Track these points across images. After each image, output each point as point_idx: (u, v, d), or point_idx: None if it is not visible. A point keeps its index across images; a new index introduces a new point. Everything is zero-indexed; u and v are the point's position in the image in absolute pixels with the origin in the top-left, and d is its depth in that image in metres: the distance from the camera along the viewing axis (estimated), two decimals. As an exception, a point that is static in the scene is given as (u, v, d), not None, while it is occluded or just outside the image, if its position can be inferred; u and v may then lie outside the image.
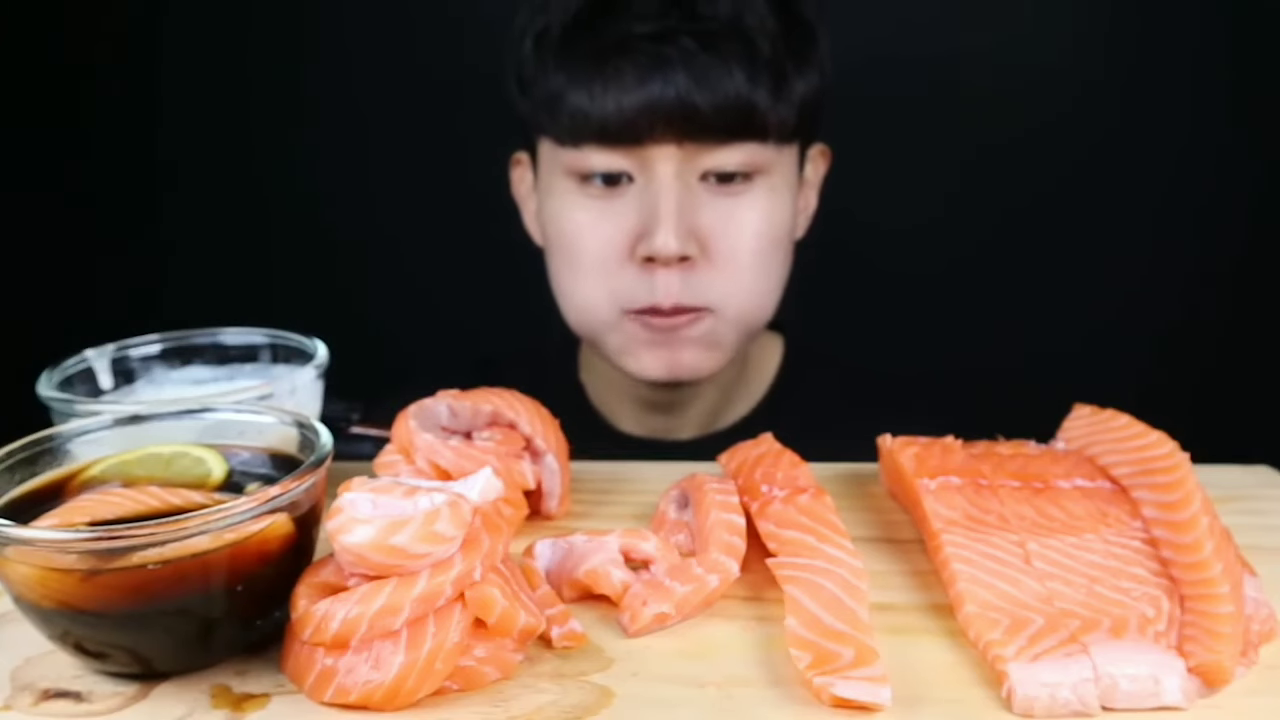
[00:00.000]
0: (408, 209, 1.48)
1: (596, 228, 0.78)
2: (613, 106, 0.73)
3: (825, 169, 0.89)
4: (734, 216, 0.77)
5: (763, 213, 0.78)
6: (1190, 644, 0.44)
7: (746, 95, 0.73)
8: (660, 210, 0.75)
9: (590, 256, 0.79)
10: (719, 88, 0.73)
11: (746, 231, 0.78)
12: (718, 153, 0.75)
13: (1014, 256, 1.45)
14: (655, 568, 0.51)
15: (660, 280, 0.77)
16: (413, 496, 0.43)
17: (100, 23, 1.46)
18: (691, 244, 0.76)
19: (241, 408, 0.51)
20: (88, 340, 0.62)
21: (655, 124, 0.73)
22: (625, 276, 0.78)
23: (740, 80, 0.73)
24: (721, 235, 0.77)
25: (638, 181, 0.77)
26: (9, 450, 0.47)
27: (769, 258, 0.80)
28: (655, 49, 0.73)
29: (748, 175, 0.77)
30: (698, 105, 0.73)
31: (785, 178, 0.80)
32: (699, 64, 0.72)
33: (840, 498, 0.60)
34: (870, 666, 0.42)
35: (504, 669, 0.44)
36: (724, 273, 0.78)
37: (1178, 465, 0.51)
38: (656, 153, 0.75)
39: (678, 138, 0.74)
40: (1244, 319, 1.44)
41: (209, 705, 0.43)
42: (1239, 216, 1.42)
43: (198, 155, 1.53)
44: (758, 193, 0.78)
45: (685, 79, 0.72)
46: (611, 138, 0.75)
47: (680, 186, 0.75)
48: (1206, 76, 1.37)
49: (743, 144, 0.75)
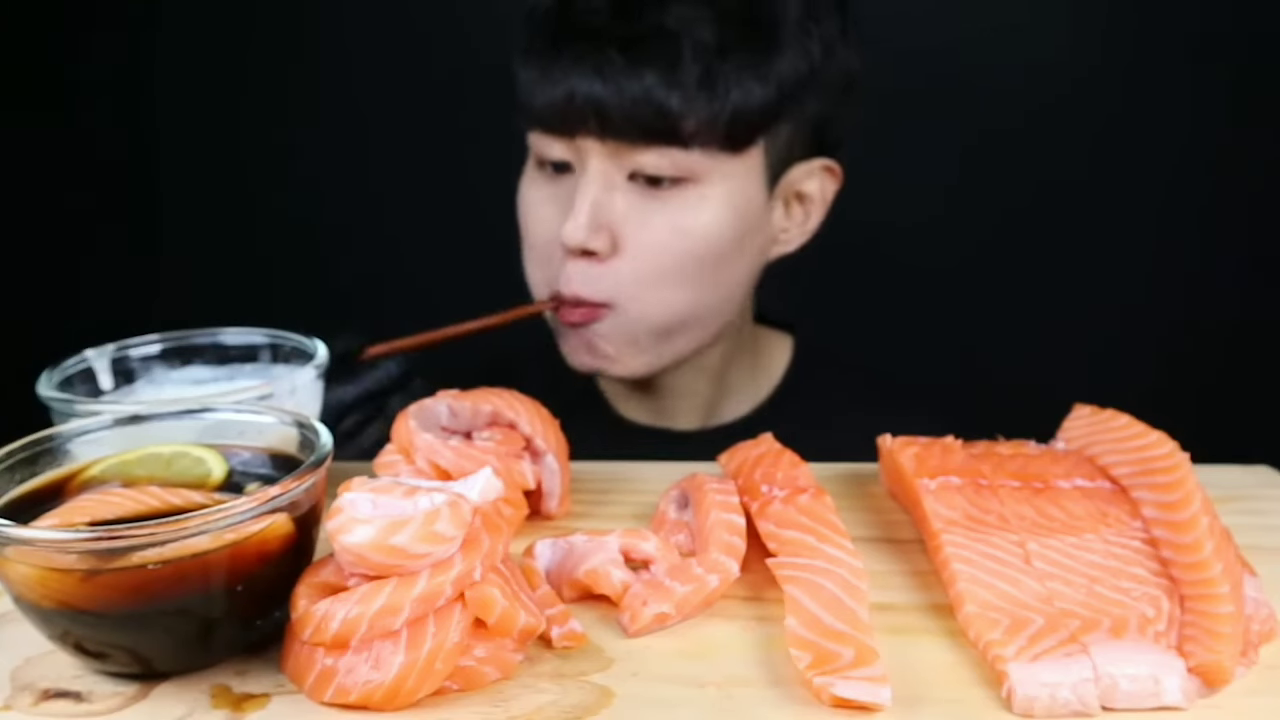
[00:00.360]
0: (410, 207, 1.49)
1: (540, 209, 0.82)
2: (544, 99, 0.78)
3: (835, 186, 0.87)
4: (651, 218, 0.78)
5: (687, 219, 0.78)
6: (1190, 644, 0.44)
7: (659, 100, 0.74)
8: (575, 201, 0.77)
9: (533, 237, 0.83)
10: (626, 90, 0.74)
11: (661, 234, 0.78)
12: (639, 154, 0.77)
13: (1014, 256, 1.45)
14: (655, 568, 0.51)
15: (566, 270, 0.79)
16: (413, 496, 0.43)
17: (100, 22, 1.46)
18: (600, 238, 0.77)
19: (241, 408, 0.51)
20: (88, 340, 0.62)
21: (576, 120, 0.76)
22: (552, 262, 0.81)
23: (651, 84, 0.74)
24: (634, 234, 0.78)
25: (574, 171, 0.80)
26: (9, 450, 0.47)
27: (691, 267, 0.79)
28: (586, 47, 0.76)
29: (676, 180, 0.78)
30: (606, 105, 0.75)
31: (727, 189, 0.79)
32: (615, 66, 0.75)
33: (840, 498, 0.60)
34: (870, 666, 0.42)
35: (504, 669, 0.44)
36: (628, 271, 0.78)
37: (1178, 465, 0.51)
38: (586, 146, 0.78)
39: (599, 135, 0.77)
40: (1244, 319, 1.44)
41: (209, 705, 0.43)
42: (1240, 216, 1.42)
43: (198, 155, 1.53)
44: (686, 199, 0.78)
45: (597, 79, 0.75)
46: (548, 127, 0.79)
47: (602, 182, 0.77)
48: (1209, 75, 1.37)
49: (664, 148, 0.76)
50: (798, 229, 0.87)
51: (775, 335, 0.96)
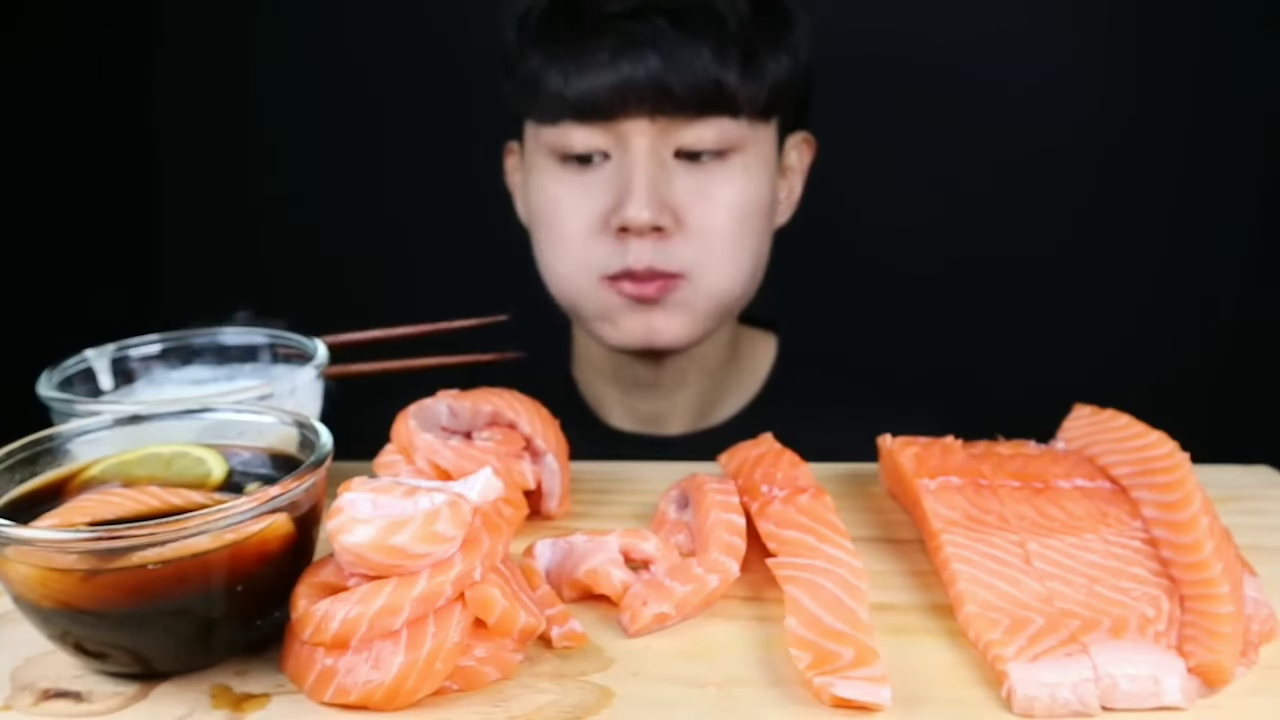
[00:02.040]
0: (410, 206, 1.48)
1: (575, 203, 0.81)
2: (587, 85, 0.76)
3: (810, 158, 0.90)
4: (706, 191, 0.79)
5: (736, 188, 0.80)
6: (1190, 644, 0.44)
7: (715, 73, 0.76)
8: (633, 183, 0.77)
9: (568, 230, 0.82)
10: (689, 66, 0.75)
11: (719, 205, 0.80)
12: (689, 129, 0.78)
13: (1013, 255, 1.45)
14: (655, 568, 0.51)
15: (634, 247, 0.79)
16: (413, 496, 0.43)
17: (99, 21, 1.46)
18: (665, 215, 0.78)
19: (241, 408, 0.51)
20: (88, 340, 0.62)
21: (628, 101, 0.76)
22: (601, 247, 0.80)
23: (708, 58, 0.75)
24: (694, 208, 0.79)
25: (613, 158, 0.79)
26: (9, 450, 0.47)
27: (741, 232, 0.82)
28: (628, 28, 0.76)
29: (720, 152, 0.79)
30: (668, 83, 0.75)
31: (760, 156, 0.82)
32: (669, 42, 0.75)
33: (840, 498, 0.60)
34: (870, 666, 0.43)
35: (504, 669, 0.44)
36: (696, 243, 0.80)
37: (1178, 465, 0.51)
38: (630, 128, 0.77)
39: (650, 114, 0.77)
40: (1244, 319, 1.44)
41: (209, 705, 0.43)
42: (1240, 216, 1.42)
43: (197, 154, 1.53)
44: (732, 169, 0.80)
45: (656, 57, 0.75)
46: (586, 115, 0.78)
47: (653, 161, 0.78)
48: (1212, 74, 1.37)
49: (714, 119, 0.77)
50: (787, 200, 0.89)
51: (759, 335, 0.96)
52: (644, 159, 0.77)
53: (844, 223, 0.90)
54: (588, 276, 0.82)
